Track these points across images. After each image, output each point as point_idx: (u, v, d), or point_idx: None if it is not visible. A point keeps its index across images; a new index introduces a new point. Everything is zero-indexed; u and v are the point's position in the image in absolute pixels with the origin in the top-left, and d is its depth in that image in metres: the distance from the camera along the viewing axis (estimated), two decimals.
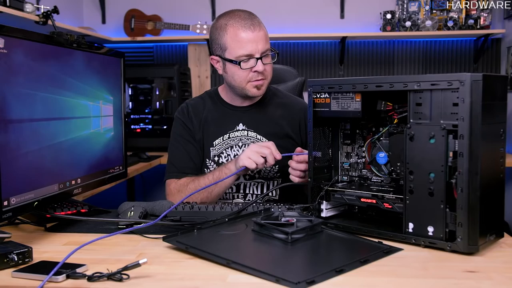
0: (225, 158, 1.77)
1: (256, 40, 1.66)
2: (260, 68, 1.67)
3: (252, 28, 1.66)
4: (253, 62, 1.67)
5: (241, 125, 1.79)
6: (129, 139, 1.84)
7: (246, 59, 1.67)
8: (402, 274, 1.01)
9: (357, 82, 1.27)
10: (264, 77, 1.71)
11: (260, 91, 1.74)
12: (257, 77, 1.69)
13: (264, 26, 1.72)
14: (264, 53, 1.68)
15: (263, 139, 1.77)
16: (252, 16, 1.72)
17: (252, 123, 1.79)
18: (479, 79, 1.08)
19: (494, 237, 1.17)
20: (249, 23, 1.67)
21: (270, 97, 1.85)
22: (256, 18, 1.72)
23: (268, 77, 1.74)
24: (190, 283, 0.99)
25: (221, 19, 1.72)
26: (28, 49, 1.23)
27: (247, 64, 1.68)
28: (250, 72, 1.68)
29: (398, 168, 1.31)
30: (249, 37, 1.66)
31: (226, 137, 1.78)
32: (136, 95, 3.51)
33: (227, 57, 1.70)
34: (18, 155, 1.19)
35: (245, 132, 1.78)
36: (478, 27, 3.72)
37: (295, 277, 0.95)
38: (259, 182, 1.77)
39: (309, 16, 3.99)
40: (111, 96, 1.63)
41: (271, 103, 1.84)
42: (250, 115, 1.80)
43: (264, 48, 1.68)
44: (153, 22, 3.96)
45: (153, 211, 1.49)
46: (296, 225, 1.23)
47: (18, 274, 1.02)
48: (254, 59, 1.67)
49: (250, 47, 1.66)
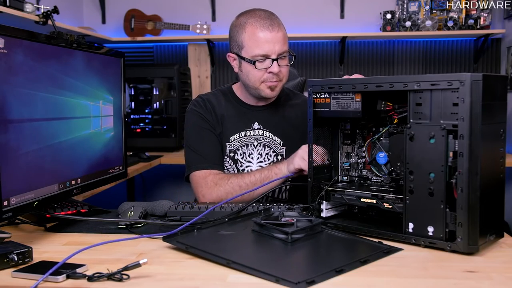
0: (240, 155, 1.76)
1: (274, 41, 1.65)
2: (275, 69, 1.66)
3: (270, 28, 1.66)
4: (268, 63, 1.67)
5: (256, 124, 1.78)
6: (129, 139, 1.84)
7: (262, 59, 1.66)
8: (402, 274, 1.01)
9: (357, 82, 1.27)
10: (279, 79, 1.70)
11: (274, 93, 1.73)
12: (271, 78, 1.68)
13: (283, 28, 1.71)
14: (281, 54, 1.67)
15: (279, 140, 1.77)
16: (273, 16, 1.71)
17: (267, 123, 1.78)
18: (479, 79, 1.08)
19: (494, 237, 1.17)
20: (268, 23, 1.66)
21: (285, 98, 1.86)
22: (276, 19, 1.71)
23: (284, 79, 1.73)
24: (190, 283, 0.99)
25: (241, 17, 1.72)
26: (28, 49, 1.23)
27: (263, 64, 1.67)
28: (265, 73, 1.68)
29: (398, 168, 1.31)
30: (267, 37, 1.65)
31: (242, 134, 1.77)
32: (136, 95, 3.51)
33: (243, 55, 1.69)
34: (18, 155, 1.19)
35: (260, 132, 1.78)
36: (478, 27, 3.72)
37: (295, 277, 0.95)
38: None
39: (309, 16, 3.99)
40: (111, 96, 1.63)
41: (286, 104, 1.84)
42: (265, 115, 1.79)
43: (281, 49, 1.67)
44: (153, 22, 3.96)
45: (153, 211, 1.50)
46: (296, 225, 1.23)
47: (18, 274, 1.02)
48: (270, 60, 1.66)
49: (267, 47, 1.65)
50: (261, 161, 1.76)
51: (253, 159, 1.75)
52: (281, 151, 1.76)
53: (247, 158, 1.76)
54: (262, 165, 1.75)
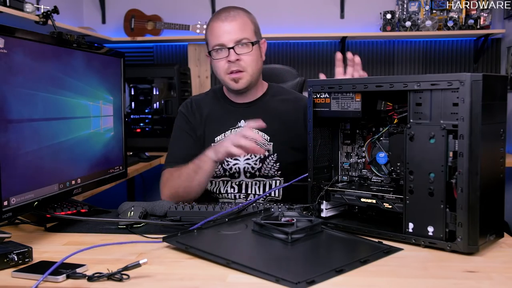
0: None
1: (228, 30, 1.68)
2: (232, 57, 1.68)
3: (223, 18, 1.70)
4: (226, 52, 1.69)
5: (242, 122, 1.79)
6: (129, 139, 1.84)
7: (219, 48, 1.70)
8: (402, 274, 1.01)
9: (357, 82, 1.27)
10: (242, 68, 1.71)
11: (239, 85, 1.73)
12: (232, 67, 1.70)
13: (245, 17, 1.73)
14: (239, 42, 1.69)
15: (265, 136, 1.77)
16: (234, 9, 1.74)
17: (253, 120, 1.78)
18: (479, 79, 1.08)
19: (494, 237, 1.17)
20: (223, 15, 1.71)
21: (272, 94, 1.86)
22: (236, 10, 1.74)
23: (248, 69, 1.72)
24: (190, 283, 0.99)
25: None
26: (28, 49, 1.23)
27: (219, 54, 1.70)
28: (226, 63, 1.70)
29: (398, 168, 1.30)
30: (220, 27, 1.69)
31: (228, 133, 1.78)
32: (136, 95, 3.51)
33: (208, 50, 1.75)
34: (18, 155, 1.19)
35: None
36: (478, 27, 3.72)
37: (295, 277, 0.95)
38: (260, 181, 1.76)
39: (309, 16, 3.99)
40: (111, 96, 1.63)
41: (274, 99, 1.84)
42: (251, 112, 1.79)
43: (237, 37, 1.68)
44: (153, 22, 3.96)
45: (153, 211, 1.49)
46: (296, 225, 1.23)
47: (18, 274, 1.02)
48: (226, 49, 1.68)
49: (221, 37, 1.68)
50: (248, 158, 1.76)
51: (240, 156, 1.75)
52: (268, 147, 1.76)
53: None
54: (250, 162, 1.75)
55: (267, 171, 1.75)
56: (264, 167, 1.75)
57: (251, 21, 1.75)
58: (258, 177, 1.76)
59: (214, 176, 1.78)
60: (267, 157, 1.75)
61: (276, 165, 1.75)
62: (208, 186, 1.79)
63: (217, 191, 1.78)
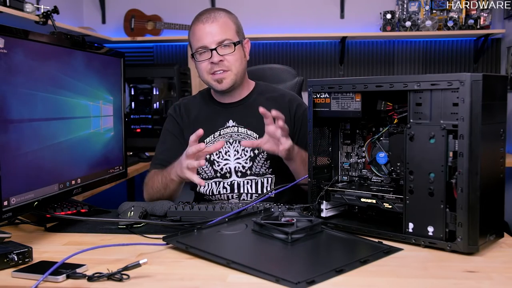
0: (216, 155, 1.77)
1: (210, 32, 1.69)
2: (215, 59, 1.69)
3: (204, 20, 1.71)
4: (208, 54, 1.70)
5: (231, 122, 1.79)
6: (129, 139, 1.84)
7: (202, 51, 1.71)
8: (402, 274, 1.01)
9: (357, 82, 1.27)
10: (225, 68, 1.71)
11: (223, 85, 1.73)
12: (215, 68, 1.70)
13: (226, 18, 1.73)
14: (221, 43, 1.70)
15: (254, 134, 1.76)
16: (215, 10, 1.76)
17: (242, 119, 1.79)
18: (479, 79, 1.08)
19: (494, 237, 1.17)
20: (204, 16, 1.72)
21: (259, 92, 1.86)
22: (217, 11, 1.75)
23: (233, 69, 1.72)
24: (190, 283, 0.99)
25: None
26: (28, 49, 1.23)
27: (202, 56, 1.71)
28: (209, 64, 1.71)
29: (398, 168, 1.30)
30: (201, 29, 1.70)
31: (216, 134, 1.79)
32: (136, 95, 3.51)
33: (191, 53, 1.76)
34: (18, 155, 1.19)
35: (235, 129, 1.78)
36: (478, 27, 3.72)
37: (295, 277, 0.95)
38: (252, 180, 1.76)
39: (309, 16, 3.99)
40: (111, 96, 1.63)
41: (261, 98, 1.84)
42: (239, 111, 1.80)
43: (219, 38, 1.69)
44: (153, 22, 3.96)
45: (153, 211, 1.50)
46: (296, 225, 1.23)
47: (18, 274, 1.02)
48: (209, 51, 1.69)
49: (203, 39, 1.70)
50: (238, 157, 1.76)
51: (230, 156, 1.76)
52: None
53: (224, 156, 1.77)
54: (240, 161, 1.75)
55: (258, 169, 1.75)
56: (255, 165, 1.75)
57: (233, 21, 1.75)
58: (249, 175, 1.75)
59: (205, 178, 1.78)
60: (257, 155, 1.75)
61: (266, 163, 1.75)
62: (201, 188, 1.79)
63: (209, 192, 1.77)
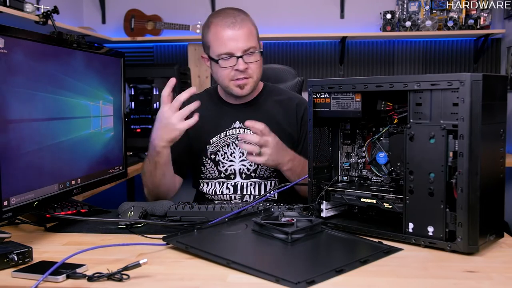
0: (221, 156, 1.77)
1: (236, 38, 1.65)
2: (241, 66, 1.67)
3: (232, 26, 1.66)
4: (233, 61, 1.67)
5: (237, 123, 1.79)
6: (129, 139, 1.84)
7: (227, 57, 1.67)
8: (402, 274, 1.01)
9: (357, 82, 1.27)
10: (248, 75, 1.70)
11: (244, 91, 1.73)
12: (239, 75, 1.68)
13: (250, 24, 1.70)
14: (247, 51, 1.67)
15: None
16: (237, 13, 1.71)
17: None
18: (479, 79, 1.08)
19: (494, 237, 1.17)
20: (231, 20, 1.67)
21: (267, 94, 1.85)
22: (240, 15, 1.70)
23: (254, 76, 1.72)
24: (190, 283, 0.99)
25: (209, 17, 1.74)
26: (28, 49, 1.22)
27: (227, 63, 1.67)
28: (232, 71, 1.68)
29: (398, 168, 1.30)
30: (228, 35, 1.65)
31: (222, 135, 1.78)
32: (136, 95, 3.51)
33: (210, 55, 1.71)
34: (18, 155, 1.19)
35: (241, 130, 1.78)
36: (478, 27, 3.72)
37: (295, 277, 0.95)
38: (255, 182, 1.76)
39: (309, 16, 3.99)
40: (111, 96, 1.63)
41: (268, 100, 1.84)
42: (246, 113, 1.79)
43: (245, 46, 1.66)
44: (153, 22, 3.96)
45: (153, 211, 1.50)
46: (296, 225, 1.23)
47: (18, 274, 1.02)
48: (235, 58, 1.66)
49: (230, 45, 1.66)
50: (243, 159, 1.76)
51: (235, 157, 1.76)
52: None
53: (229, 158, 1.76)
54: (245, 163, 1.75)
55: (262, 172, 1.75)
56: (259, 168, 1.75)
57: (254, 26, 1.73)
58: (253, 178, 1.76)
59: (209, 177, 1.78)
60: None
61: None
62: (203, 187, 1.79)
63: (212, 192, 1.78)
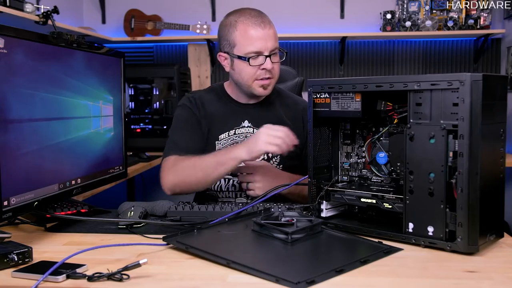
0: None
1: (266, 38, 1.68)
2: (269, 66, 1.68)
3: (262, 25, 1.68)
4: (261, 60, 1.68)
5: (246, 122, 1.79)
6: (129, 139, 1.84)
7: (255, 56, 1.68)
8: (402, 274, 1.01)
9: (357, 82, 1.27)
10: (272, 75, 1.72)
11: (267, 91, 1.74)
12: (264, 75, 1.70)
13: (273, 25, 1.74)
14: (273, 51, 1.70)
15: None
16: (262, 14, 1.74)
17: (257, 121, 1.78)
18: (479, 79, 1.08)
19: (494, 237, 1.17)
20: (259, 20, 1.69)
21: (276, 96, 1.86)
22: (266, 16, 1.74)
23: (276, 76, 1.75)
24: (190, 283, 0.99)
25: (231, 16, 1.74)
26: (28, 49, 1.23)
27: (256, 61, 1.68)
28: (258, 70, 1.69)
29: (398, 168, 1.30)
30: (259, 34, 1.67)
31: (231, 132, 1.78)
32: (136, 95, 3.51)
33: (235, 53, 1.70)
34: (18, 155, 1.19)
35: (250, 130, 1.78)
36: (478, 27, 3.72)
37: (295, 277, 0.95)
38: None
39: (309, 16, 3.99)
40: (111, 96, 1.63)
41: (276, 102, 1.85)
42: (255, 113, 1.80)
43: (273, 46, 1.70)
44: (153, 22, 3.96)
45: (153, 211, 1.50)
46: (296, 225, 1.23)
47: (18, 274, 1.02)
48: (263, 57, 1.68)
49: (260, 44, 1.67)
50: None
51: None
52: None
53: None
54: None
55: None
56: None
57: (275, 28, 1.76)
58: None
59: None
60: (271, 158, 1.75)
61: (279, 167, 1.75)
62: None
63: (218, 188, 1.77)
